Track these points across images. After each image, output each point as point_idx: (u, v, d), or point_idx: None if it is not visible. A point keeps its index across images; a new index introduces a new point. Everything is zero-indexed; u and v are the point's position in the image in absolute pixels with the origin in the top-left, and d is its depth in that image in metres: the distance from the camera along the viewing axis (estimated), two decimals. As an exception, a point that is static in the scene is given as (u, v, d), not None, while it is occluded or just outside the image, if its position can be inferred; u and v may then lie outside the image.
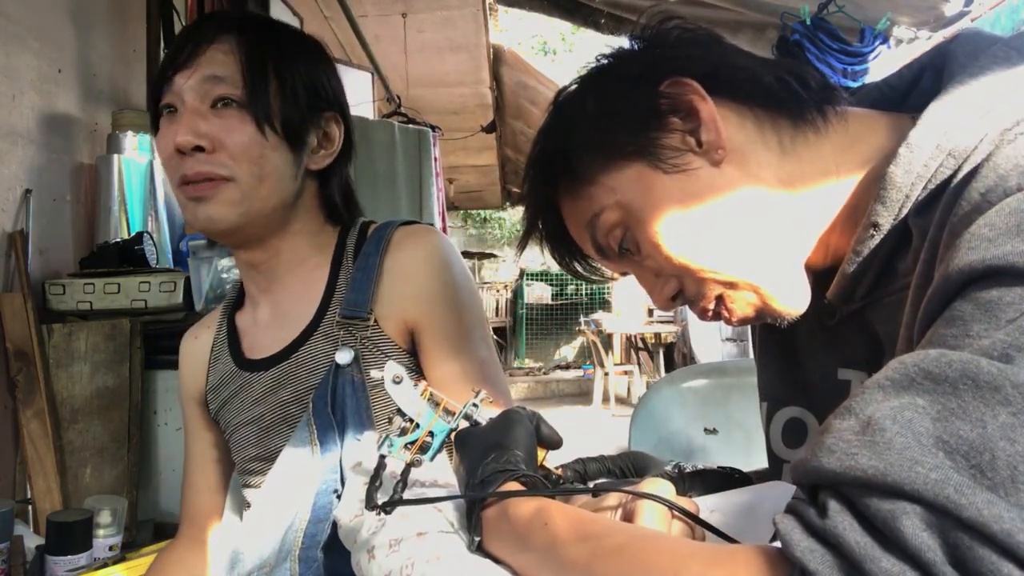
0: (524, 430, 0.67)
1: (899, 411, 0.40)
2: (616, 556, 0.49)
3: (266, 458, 0.96)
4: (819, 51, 2.95)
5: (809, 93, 0.63)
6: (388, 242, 0.97)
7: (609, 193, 0.65)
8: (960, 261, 0.44)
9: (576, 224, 0.70)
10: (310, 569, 0.85)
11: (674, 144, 0.63)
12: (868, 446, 0.39)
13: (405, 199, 3.54)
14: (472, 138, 6.42)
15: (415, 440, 0.67)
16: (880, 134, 0.63)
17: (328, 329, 0.94)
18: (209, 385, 1.05)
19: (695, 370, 1.76)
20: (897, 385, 0.41)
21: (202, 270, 2.08)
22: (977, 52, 0.58)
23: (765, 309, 0.65)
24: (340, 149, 0.99)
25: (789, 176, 0.63)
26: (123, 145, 2.30)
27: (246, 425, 0.99)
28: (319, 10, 3.96)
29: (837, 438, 0.41)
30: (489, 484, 0.61)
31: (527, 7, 4.14)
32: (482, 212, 12.36)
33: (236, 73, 0.90)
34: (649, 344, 8.00)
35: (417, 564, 0.57)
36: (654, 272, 0.68)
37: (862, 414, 0.41)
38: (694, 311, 0.68)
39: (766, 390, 0.79)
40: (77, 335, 1.93)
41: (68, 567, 1.39)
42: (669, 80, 0.63)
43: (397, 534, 0.61)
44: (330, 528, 0.85)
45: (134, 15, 2.58)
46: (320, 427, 0.90)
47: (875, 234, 0.59)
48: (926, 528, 0.36)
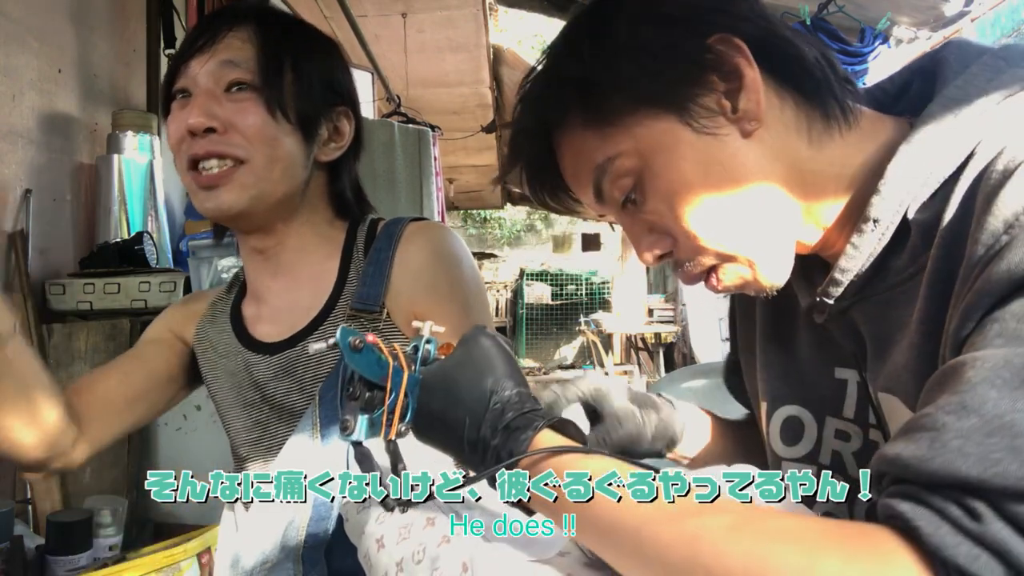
0: (504, 354, 0.60)
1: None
2: (732, 540, 0.44)
3: (262, 444, 0.96)
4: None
5: (838, 83, 0.62)
6: (400, 237, 0.97)
7: (629, 139, 0.61)
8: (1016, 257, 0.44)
9: (577, 161, 0.66)
10: (315, 568, 0.85)
11: (710, 104, 0.60)
12: (1011, 451, 0.39)
13: (404, 199, 3.54)
14: (472, 138, 6.42)
15: (392, 411, 0.57)
16: (885, 134, 0.63)
17: (338, 320, 0.95)
18: (199, 336, 1.05)
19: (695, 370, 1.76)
20: (1009, 384, 0.41)
21: (202, 270, 2.09)
22: (968, 60, 0.59)
23: (752, 282, 0.64)
24: (350, 144, 1.00)
25: (807, 164, 0.62)
26: (123, 145, 2.30)
27: (245, 407, 0.99)
28: (319, 10, 3.96)
29: (965, 440, 0.40)
30: (518, 434, 0.55)
31: (527, 7, 4.15)
32: (482, 212, 12.38)
33: (252, 59, 0.90)
34: (649, 344, 8.00)
35: (428, 548, 0.57)
36: (648, 227, 0.65)
37: (983, 412, 0.41)
38: (679, 274, 0.66)
39: (766, 390, 0.79)
40: (77, 335, 1.93)
41: (68, 567, 1.39)
42: (719, 35, 0.59)
43: (406, 521, 0.60)
44: (333, 525, 0.85)
45: (134, 15, 2.58)
46: (325, 419, 0.90)
47: (874, 229, 0.58)
48: None
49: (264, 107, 0.90)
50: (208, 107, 0.88)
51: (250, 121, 0.89)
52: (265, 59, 0.91)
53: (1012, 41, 3.06)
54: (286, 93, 0.92)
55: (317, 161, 0.97)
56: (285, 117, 0.91)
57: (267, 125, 0.90)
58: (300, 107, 0.93)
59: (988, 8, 3.11)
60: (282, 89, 0.91)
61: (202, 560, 1.55)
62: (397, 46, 4.60)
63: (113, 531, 1.54)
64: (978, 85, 0.56)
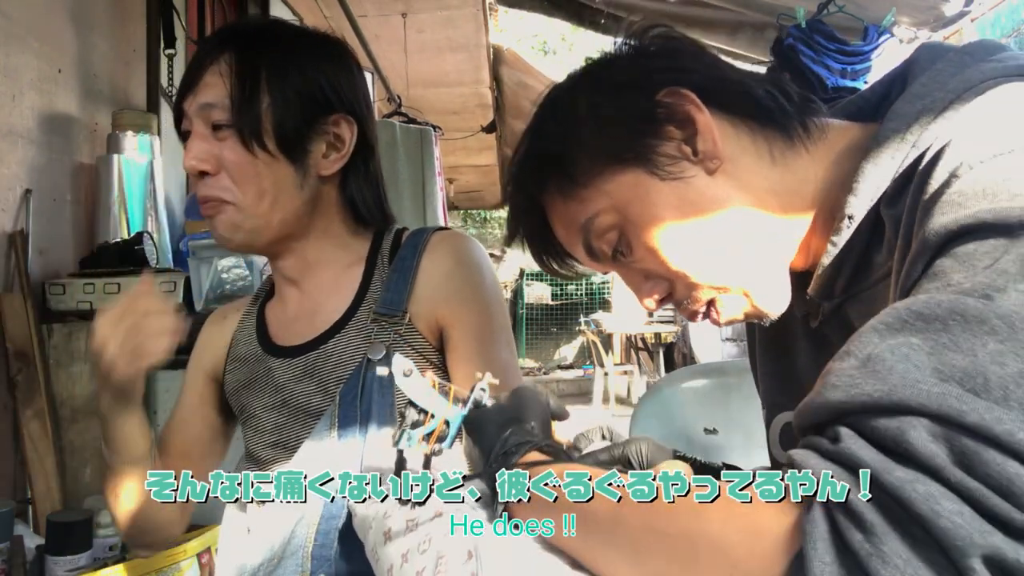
0: (538, 403, 0.68)
1: (896, 347, 0.43)
2: (646, 507, 0.50)
3: (282, 445, 0.97)
4: (815, 53, 2.94)
5: (793, 106, 0.66)
6: (425, 245, 0.99)
7: (604, 197, 0.66)
8: (935, 224, 0.48)
9: (566, 226, 0.71)
10: (322, 567, 0.86)
11: (670, 152, 0.65)
12: (871, 375, 0.42)
13: (408, 198, 3.54)
14: (472, 138, 6.43)
15: (432, 431, 0.67)
16: (856, 141, 0.65)
17: (361, 324, 0.96)
18: (230, 366, 1.06)
19: (695, 370, 1.77)
20: (891, 327, 0.44)
21: (202, 270, 2.08)
22: (935, 58, 0.62)
23: (752, 311, 0.68)
24: (354, 150, 0.98)
25: (776, 184, 0.65)
26: (123, 145, 2.30)
27: (266, 411, 0.99)
28: (319, 10, 3.96)
29: (839, 375, 0.44)
30: (511, 455, 0.61)
31: (527, 7, 4.15)
32: (482, 212, 12.38)
33: (224, 98, 0.91)
34: (649, 344, 8.00)
35: (434, 540, 0.58)
36: (644, 275, 0.69)
37: (861, 353, 0.44)
38: (682, 313, 0.70)
39: (765, 396, 0.80)
40: (77, 335, 1.93)
41: (68, 567, 1.39)
42: (666, 90, 0.65)
43: (414, 515, 0.62)
44: (343, 523, 0.85)
45: (134, 15, 2.58)
46: (344, 421, 0.91)
47: (850, 225, 0.61)
48: (932, 438, 0.39)
49: (241, 144, 0.91)
50: (199, 151, 0.92)
51: (232, 160, 0.91)
52: (239, 92, 0.91)
53: (1012, 41, 3.06)
54: (263, 121, 0.91)
55: (321, 176, 0.97)
56: (263, 148, 0.91)
57: (246, 161, 0.91)
58: (281, 131, 0.92)
59: (988, 8, 3.11)
60: (258, 119, 0.91)
61: (202, 560, 1.55)
62: (397, 46, 4.61)
63: (113, 531, 1.54)
64: (940, 80, 0.59)
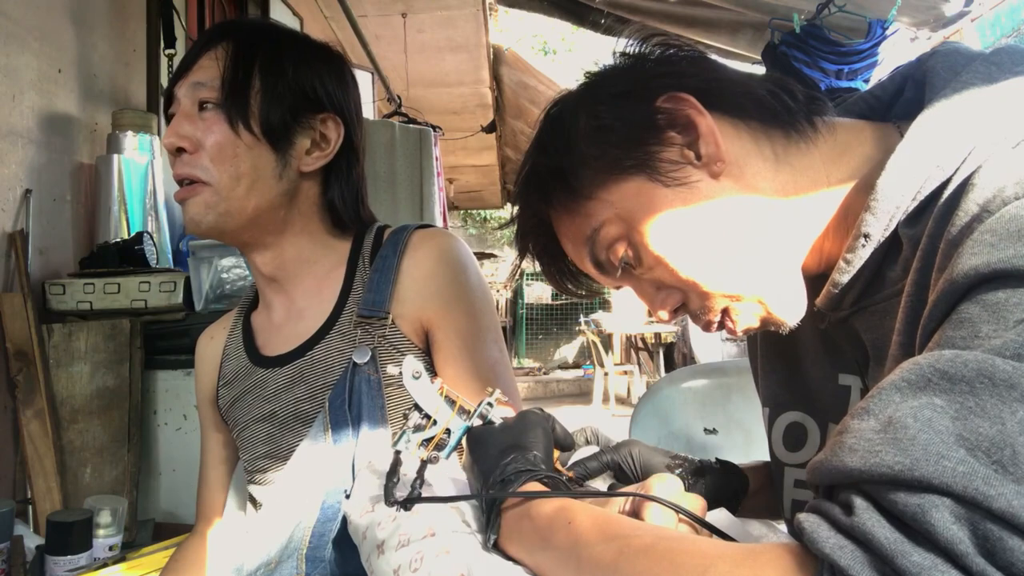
0: (542, 431, 0.67)
1: (918, 410, 0.40)
2: (643, 555, 0.49)
3: (276, 456, 0.96)
4: (809, 57, 2.92)
5: (798, 104, 0.64)
6: (406, 244, 0.98)
7: (608, 207, 0.65)
8: (964, 265, 0.45)
9: (573, 240, 0.70)
10: (317, 568, 0.85)
11: (673, 158, 0.63)
12: (892, 443, 0.40)
13: (405, 199, 3.54)
14: (472, 138, 6.43)
15: (431, 437, 0.66)
16: (867, 143, 0.64)
17: (344, 328, 0.95)
18: (221, 382, 1.06)
19: (695, 370, 1.76)
20: (914, 386, 0.42)
21: (202, 270, 2.08)
22: (958, 68, 0.59)
23: (768, 318, 0.65)
24: (338, 151, 0.98)
25: (784, 186, 0.64)
26: (123, 145, 2.30)
27: (257, 422, 0.99)
28: (319, 10, 3.96)
29: (858, 437, 0.42)
30: (510, 483, 0.60)
31: (527, 7, 4.14)
32: (482, 212, 12.37)
33: (216, 78, 0.92)
34: (649, 344, 8.00)
35: (426, 559, 0.57)
36: (655, 285, 0.67)
37: (881, 415, 0.42)
38: (698, 324, 0.68)
39: (768, 396, 0.79)
40: (77, 335, 1.93)
41: (68, 567, 1.39)
42: (665, 95, 0.63)
43: (407, 531, 0.61)
44: (339, 526, 0.85)
45: (134, 15, 2.58)
46: (335, 425, 0.90)
47: (865, 244, 0.59)
48: (956, 521, 0.37)
49: (226, 122, 0.92)
50: (180, 128, 0.92)
51: (213, 139, 0.92)
52: (231, 74, 0.92)
53: (1012, 41, 3.06)
54: (251, 105, 0.92)
55: (302, 171, 0.97)
56: (248, 129, 0.92)
57: (228, 141, 0.92)
58: (267, 117, 0.93)
59: (988, 8, 3.11)
60: (246, 102, 0.92)
61: (202, 560, 1.55)
62: (397, 46, 4.61)
63: (113, 531, 1.54)
64: (968, 96, 0.56)
